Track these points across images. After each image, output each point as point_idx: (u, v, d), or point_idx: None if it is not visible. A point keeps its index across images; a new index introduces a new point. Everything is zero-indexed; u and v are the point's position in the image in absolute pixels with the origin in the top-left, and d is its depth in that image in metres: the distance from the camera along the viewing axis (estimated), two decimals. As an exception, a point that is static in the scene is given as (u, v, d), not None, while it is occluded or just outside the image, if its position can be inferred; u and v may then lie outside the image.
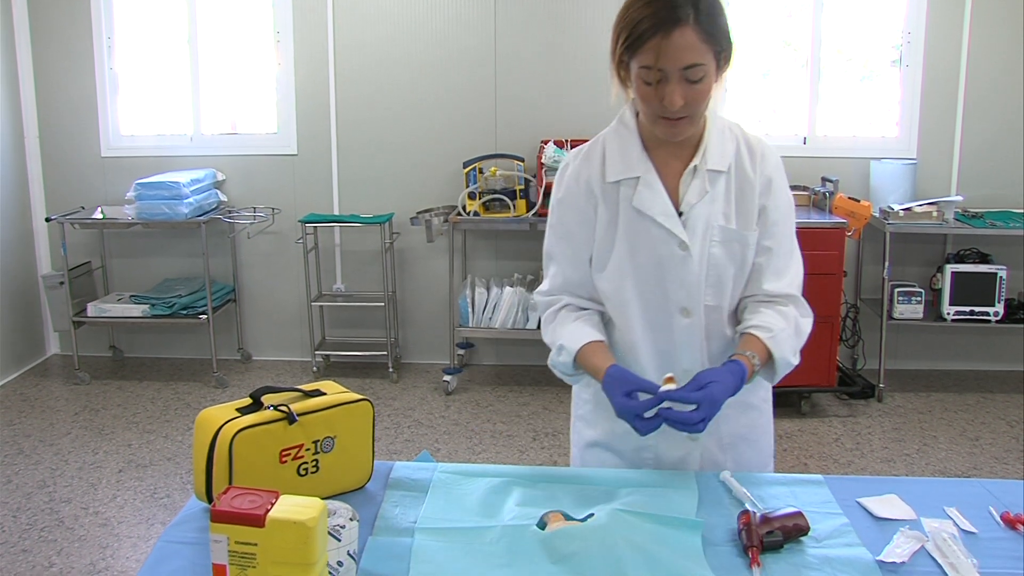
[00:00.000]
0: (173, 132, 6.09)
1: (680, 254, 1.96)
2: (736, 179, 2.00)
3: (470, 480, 1.97)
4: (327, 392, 1.94)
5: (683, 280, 1.98)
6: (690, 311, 1.99)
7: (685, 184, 1.98)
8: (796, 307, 2.02)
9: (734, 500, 1.88)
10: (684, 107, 1.84)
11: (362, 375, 5.87)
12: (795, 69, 5.83)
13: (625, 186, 2.00)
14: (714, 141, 1.99)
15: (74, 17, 5.89)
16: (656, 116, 1.89)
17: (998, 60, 5.59)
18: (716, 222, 1.97)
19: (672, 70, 1.80)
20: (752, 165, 2.01)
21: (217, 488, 1.74)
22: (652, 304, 2.01)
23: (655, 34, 1.78)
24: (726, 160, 1.99)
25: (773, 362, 1.95)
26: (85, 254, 6.05)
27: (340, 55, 5.84)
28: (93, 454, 4.68)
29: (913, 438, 4.88)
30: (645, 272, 1.99)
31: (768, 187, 2.01)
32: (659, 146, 2.01)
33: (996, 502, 1.88)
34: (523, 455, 4.70)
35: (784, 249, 2.04)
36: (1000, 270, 5.24)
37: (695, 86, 1.82)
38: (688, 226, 1.96)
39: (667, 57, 1.79)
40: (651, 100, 1.86)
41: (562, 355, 2.02)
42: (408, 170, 5.91)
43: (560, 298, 2.10)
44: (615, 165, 2.01)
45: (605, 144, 2.06)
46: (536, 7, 5.71)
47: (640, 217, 1.98)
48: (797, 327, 1.99)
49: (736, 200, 2.00)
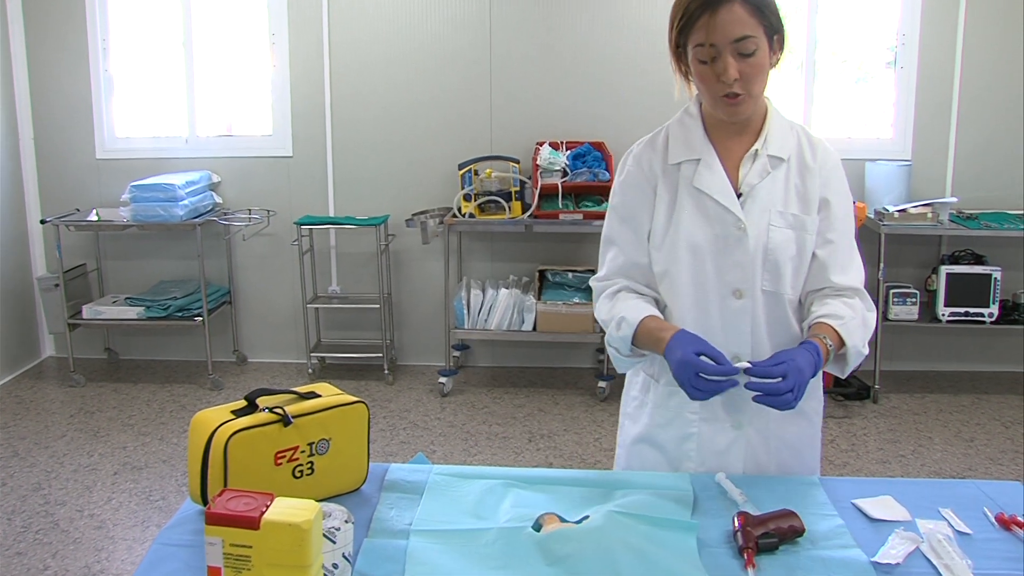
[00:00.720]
0: (168, 134, 6.08)
1: (736, 234, 1.99)
2: (797, 167, 2.05)
3: (465, 482, 1.97)
4: (322, 394, 1.94)
5: (738, 260, 1.99)
6: (743, 293, 2.00)
7: (746, 167, 2.03)
8: (862, 300, 2.04)
9: (729, 502, 1.88)
10: (740, 83, 1.90)
11: (358, 377, 5.86)
12: (791, 71, 5.83)
13: (686, 167, 2.04)
14: (775, 129, 2.06)
15: (69, 19, 5.89)
16: (716, 97, 1.94)
17: (992, 62, 5.60)
18: (776, 205, 2.01)
19: (723, 44, 1.87)
20: (813, 157, 2.06)
21: (212, 490, 1.74)
22: (705, 284, 2.02)
23: (703, 12, 1.87)
24: (787, 149, 2.04)
25: (845, 350, 1.96)
26: (80, 256, 6.05)
27: (335, 57, 5.84)
28: (88, 456, 4.68)
29: (908, 439, 4.88)
30: (701, 251, 2.01)
31: (830, 181, 2.05)
32: (721, 132, 2.05)
33: (991, 503, 1.88)
34: (519, 457, 4.70)
35: (847, 243, 2.07)
36: (995, 271, 5.25)
37: (748, 60, 1.89)
38: (746, 207, 2.00)
39: (717, 32, 1.87)
40: (709, 79, 1.92)
41: (622, 328, 2.00)
42: (403, 172, 5.91)
43: (617, 281, 2.12)
44: (677, 148, 2.06)
45: (669, 131, 2.11)
46: (531, 9, 5.72)
47: (699, 196, 2.02)
48: (864, 319, 2.01)
49: (797, 186, 2.03)
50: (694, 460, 2.10)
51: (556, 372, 5.89)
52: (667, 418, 2.10)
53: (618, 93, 5.69)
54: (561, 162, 5.27)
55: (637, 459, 2.18)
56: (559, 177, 5.25)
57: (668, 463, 2.13)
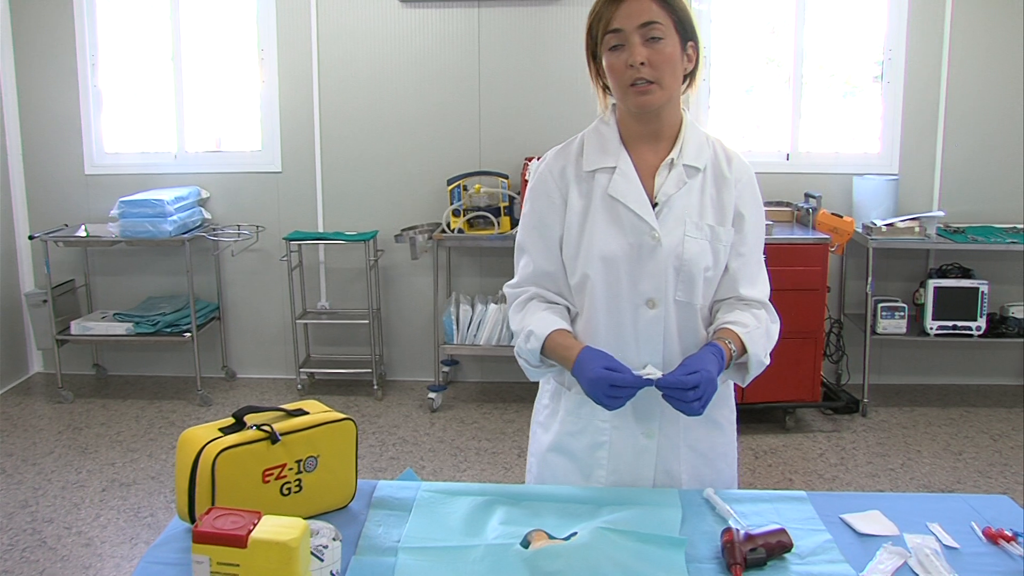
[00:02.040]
0: (157, 150, 6.08)
1: (650, 243, 1.98)
2: (713, 178, 2.05)
3: (454, 499, 1.97)
4: (310, 411, 1.94)
5: (652, 271, 1.99)
6: (656, 302, 2.00)
7: (662, 176, 2.03)
8: (767, 312, 2.07)
9: (717, 517, 1.89)
10: (648, 69, 1.91)
11: (347, 392, 5.85)
12: (778, 85, 5.86)
13: (601, 175, 2.05)
14: (691, 139, 2.05)
15: (58, 33, 5.89)
16: (625, 87, 1.95)
17: (978, 76, 5.64)
18: (691, 216, 2.01)
19: (631, 28, 1.92)
20: (729, 168, 2.07)
21: (200, 508, 1.74)
22: (618, 293, 2.02)
23: (610, 5, 1.95)
24: (703, 159, 2.04)
25: (746, 358, 1.98)
26: (69, 272, 6.03)
27: (324, 73, 5.85)
28: (76, 473, 4.66)
29: (897, 453, 4.89)
30: (614, 260, 2.00)
31: (744, 194, 2.06)
32: (637, 141, 2.06)
33: (978, 517, 1.89)
34: (508, 472, 4.69)
35: (756, 257, 2.10)
36: (982, 285, 5.27)
37: (656, 47, 1.92)
38: (661, 216, 2.00)
39: (623, 16, 1.92)
40: (618, 69, 1.95)
41: (531, 341, 2.01)
42: (392, 187, 5.92)
43: (528, 289, 2.11)
44: (592, 155, 2.07)
45: (584, 139, 2.13)
46: (520, 25, 5.74)
47: (614, 205, 2.01)
48: (768, 330, 2.04)
49: (712, 197, 2.04)
50: (605, 468, 2.10)
51: (546, 387, 5.88)
52: (578, 426, 2.11)
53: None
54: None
55: (548, 469, 2.18)
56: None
57: (579, 471, 2.13)
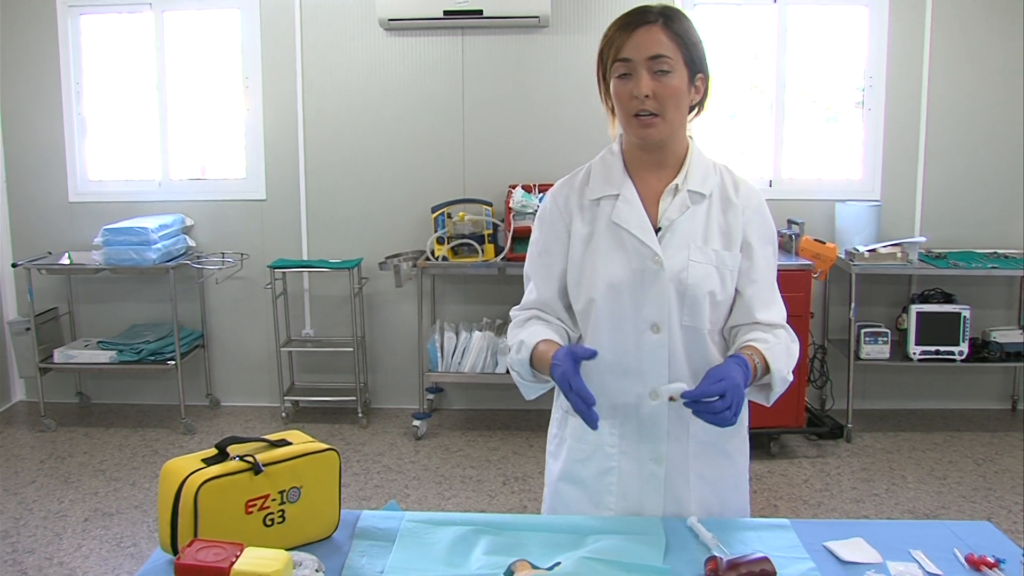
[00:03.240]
0: (141, 177, 6.08)
1: (653, 268, 1.99)
2: (720, 203, 2.06)
3: (437, 529, 1.96)
4: (293, 442, 1.93)
5: (655, 295, 2.00)
6: (660, 327, 2.01)
7: (666, 202, 2.04)
8: (787, 332, 2.07)
9: (701, 546, 1.88)
10: (653, 101, 1.93)
11: (331, 420, 5.84)
12: (762, 111, 5.90)
13: (605, 202, 2.06)
14: (696, 165, 2.07)
15: (42, 61, 5.90)
16: (629, 116, 1.97)
17: (958, 103, 5.70)
18: (696, 241, 2.02)
19: (639, 59, 1.94)
20: (736, 193, 2.07)
21: (182, 540, 1.72)
22: (622, 318, 2.02)
23: (622, 33, 1.96)
24: (709, 185, 2.06)
25: (769, 377, 1.97)
26: (52, 300, 6.01)
27: (309, 101, 5.87)
28: (59, 503, 4.62)
29: (882, 478, 4.90)
30: (618, 286, 2.01)
31: (753, 221, 2.07)
32: (642, 168, 2.08)
33: (961, 544, 1.89)
34: (493, 500, 4.68)
35: (770, 282, 2.09)
36: (964, 310, 5.31)
37: (662, 80, 1.93)
38: (664, 241, 2.01)
39: (633, 47, 1.94)
40: (623, 97, 1.97)
41: (521, 351, 2.02)
42: (376, 215, 5.93)
43: (531, 311, 2.14)
44: (597, 184, 2.09)
45: (591, 169, 2.15)
46: (504, 53, 5.77)
47: (617, 230, 2.03)
48: (788, 348, 2.03)
49: (719, 222, 2.05)
50: (615, 495, 2.09)
51: (530, 414, 5.88)
52: (586, 452, 2.11)
53: (590, 136, 5.71)
54: (534, 205, 5.29)
55: (560, 499, 2.18)
56: (532, 220, 5.26)
57: (589, 499, 2.12)
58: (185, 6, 5.91)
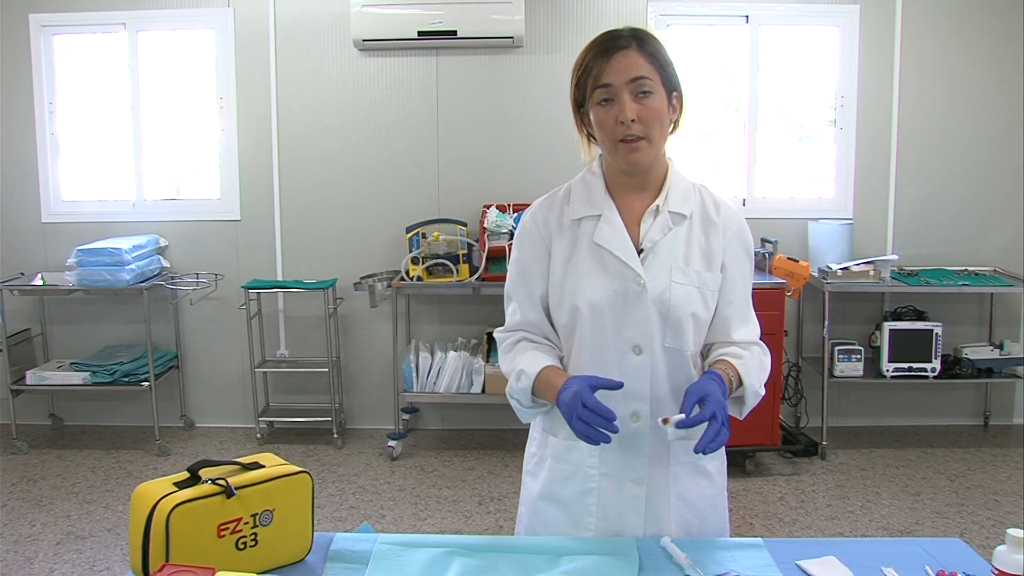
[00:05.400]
0: (115, 197, 6.05)
1: (636, 289, 2.00)
2: (701, 223, 2.07)
3: (411, 551, 1.95)
4: (266, 464, 1.92)
5: (637, 317, 2.00)
6: (642, 349, 2.01)
7: (647, 223, 2.05)
8: (760, 347, 2.10)
9: (675, 566, 1.89)
10: (639, 125, 1.94)
11: (306, 441, 5.81)
12: (736, 130, 5.94)
13: (587, 223, 2.06)
14: (676, 186, 2.08)
15: (15, 80, 5.87)
16: (615, 142, 1.97)
17: (928, 122, 5.77)
18: (677, 262, 2.02)
19: (620, 83, 1.94)
20: (717, 213, 2.09)
21: (154, 565, 1.71)
22: (604, 340, 2.03)
23: (599, 59, 1.96)
24: (689, 206, 2.06)
25: (743, 390, 2.00)
26: (24, 321, 5.96)
27: (283, 121, 5.86)
28: (30, 526, 4.58)
29: (856, 495, 4.92)
30: (600, 307, 2.01)
31: (733, 242, 2.08)
32: (623, 189, 2.08)
33: (932, 561, 1.90)
34: (469, 520, 4.67)
35: (745, 302, 2.12)
36: (936, 327, 5.36)
37: (645, 102, 1.94)
38: (647, 263, 2.01)
39: (613, 72, 1.95)
40: (607, 124, 1.97)
41: (521, 380, 2.03)
42: (351, 235, 5.92)
43: (517, 333, 2.14)
44: (578, 204, 2.09)
45: (571, 188, 2.15)
46: (478, 73, 5.79)
47: (599, 251, 2.03)
48: (761, 362, 2.06)
49: (700, 243, 2.06)
50: (595, 515, 2.09)
51: (506, 434, 5.88)
52: (567, 472, 2.10)
53: (564, 156, 5.74)
54: (508, 225, 5.31)
55: (539, 518, 2.17)
56: (507, 240, 5.28)
57: (569, 519, 2.11)
58: (159, 26, 5.89)
